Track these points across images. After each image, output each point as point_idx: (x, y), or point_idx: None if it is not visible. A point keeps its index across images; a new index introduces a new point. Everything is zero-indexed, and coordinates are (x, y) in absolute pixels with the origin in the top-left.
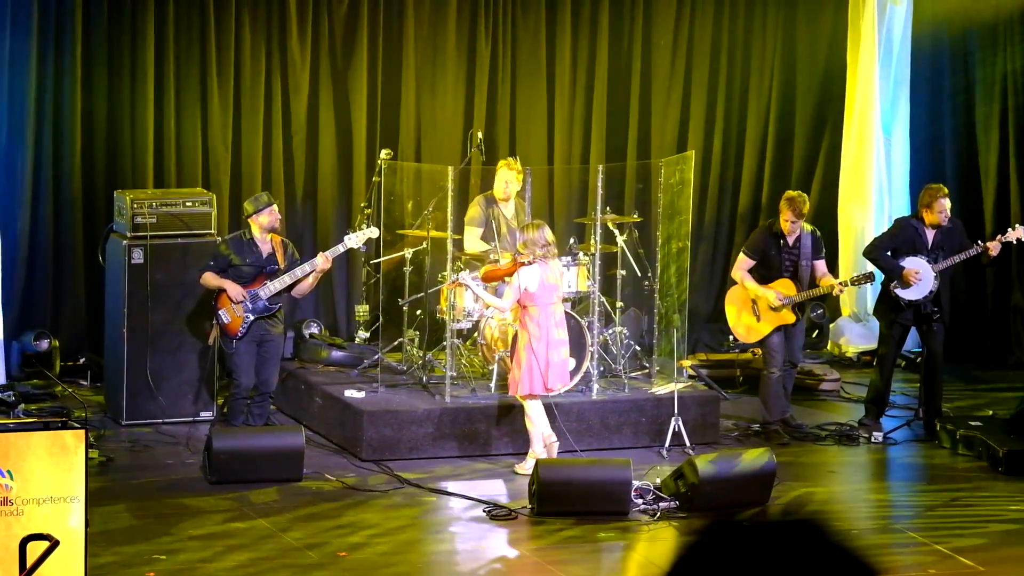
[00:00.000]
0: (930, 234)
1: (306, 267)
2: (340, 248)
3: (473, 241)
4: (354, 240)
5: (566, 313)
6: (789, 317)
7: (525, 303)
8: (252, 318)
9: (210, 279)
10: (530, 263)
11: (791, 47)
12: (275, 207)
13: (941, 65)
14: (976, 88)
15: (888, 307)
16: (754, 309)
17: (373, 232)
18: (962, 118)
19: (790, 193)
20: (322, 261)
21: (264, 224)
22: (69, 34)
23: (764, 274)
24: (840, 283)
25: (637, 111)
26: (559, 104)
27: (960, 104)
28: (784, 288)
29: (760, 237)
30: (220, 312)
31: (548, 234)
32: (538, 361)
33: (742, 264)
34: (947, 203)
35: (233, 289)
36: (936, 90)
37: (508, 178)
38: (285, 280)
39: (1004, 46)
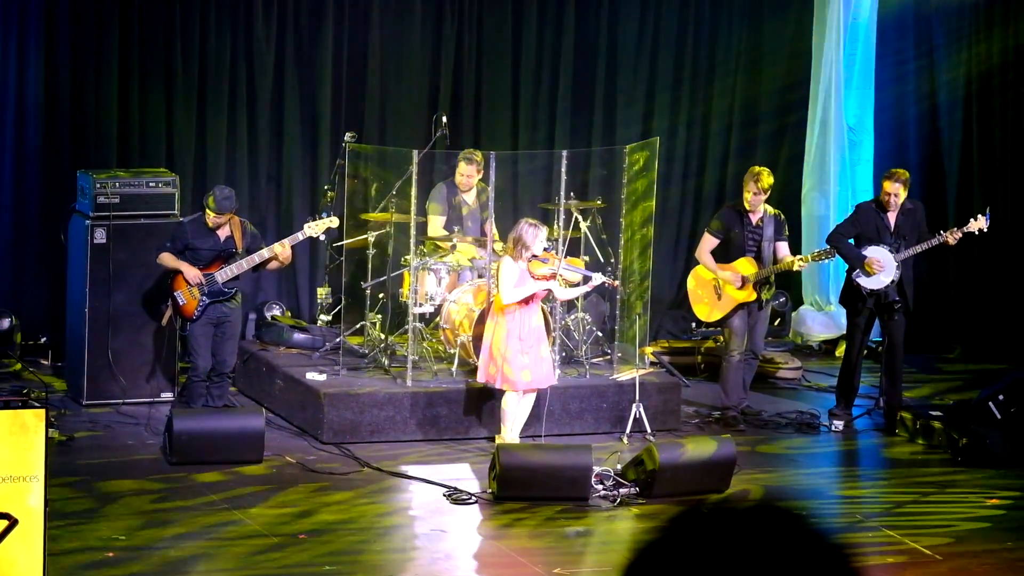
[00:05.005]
0: (891, 218)
1: (264, 254)
2: (299, 236)
3: (435, 228)
4: (313, 229)
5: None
6: (751, 295)
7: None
8: (208, 301)
9: (167, 260)
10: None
11: (756, 33)
12: (216, 217)
13: (906, 53)
14: (940, 76)
15: (852, 295)
16: (716, 288)
17: (333, 222)
18: (926, 106)
19: (753, 168)
20: (281, 250)
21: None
22: (33, 14)
23: (727, 254)
24: (800, 259)
25: (602, 96)
26: (524, 89)
27: (924, 92)
28: (744, 267)
29: (724, 215)
30: (176, 294)
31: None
32: None
33: (705, 244)
34: (897, 187)
35: (189, 271)
36: (900, 78)
37: (468, 172)
38: (243, 265)
39: (968, 34)
